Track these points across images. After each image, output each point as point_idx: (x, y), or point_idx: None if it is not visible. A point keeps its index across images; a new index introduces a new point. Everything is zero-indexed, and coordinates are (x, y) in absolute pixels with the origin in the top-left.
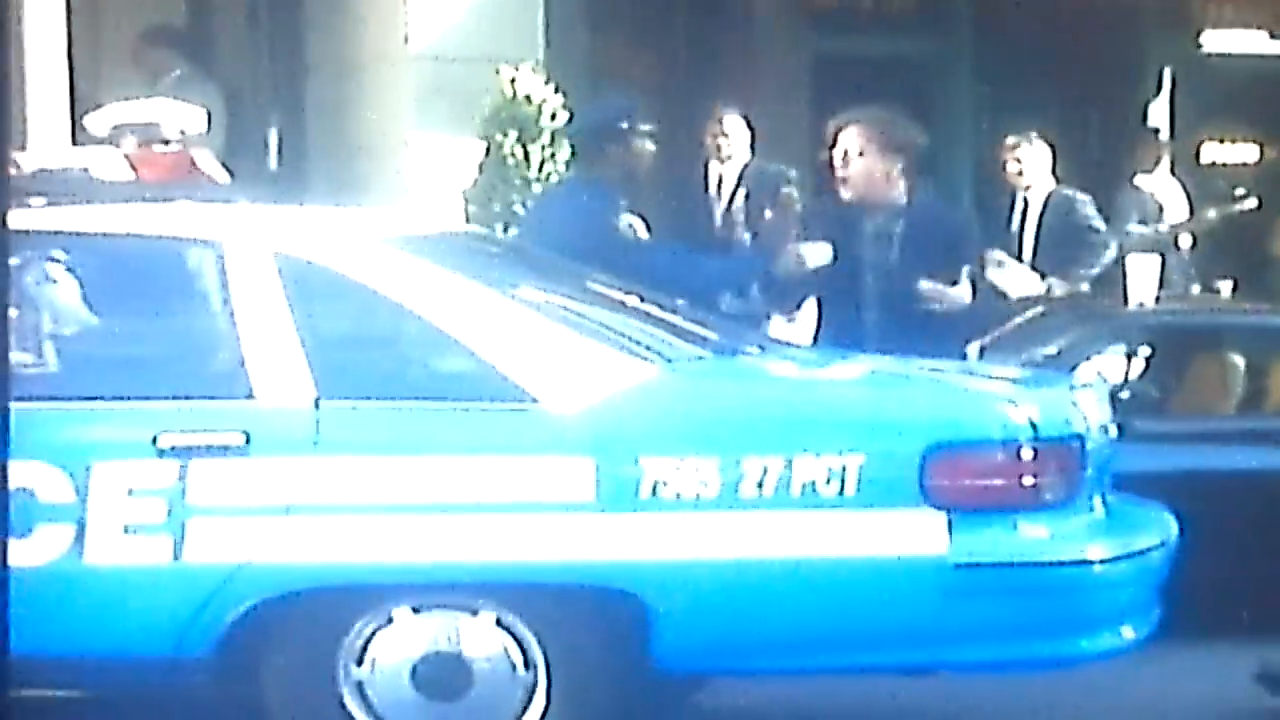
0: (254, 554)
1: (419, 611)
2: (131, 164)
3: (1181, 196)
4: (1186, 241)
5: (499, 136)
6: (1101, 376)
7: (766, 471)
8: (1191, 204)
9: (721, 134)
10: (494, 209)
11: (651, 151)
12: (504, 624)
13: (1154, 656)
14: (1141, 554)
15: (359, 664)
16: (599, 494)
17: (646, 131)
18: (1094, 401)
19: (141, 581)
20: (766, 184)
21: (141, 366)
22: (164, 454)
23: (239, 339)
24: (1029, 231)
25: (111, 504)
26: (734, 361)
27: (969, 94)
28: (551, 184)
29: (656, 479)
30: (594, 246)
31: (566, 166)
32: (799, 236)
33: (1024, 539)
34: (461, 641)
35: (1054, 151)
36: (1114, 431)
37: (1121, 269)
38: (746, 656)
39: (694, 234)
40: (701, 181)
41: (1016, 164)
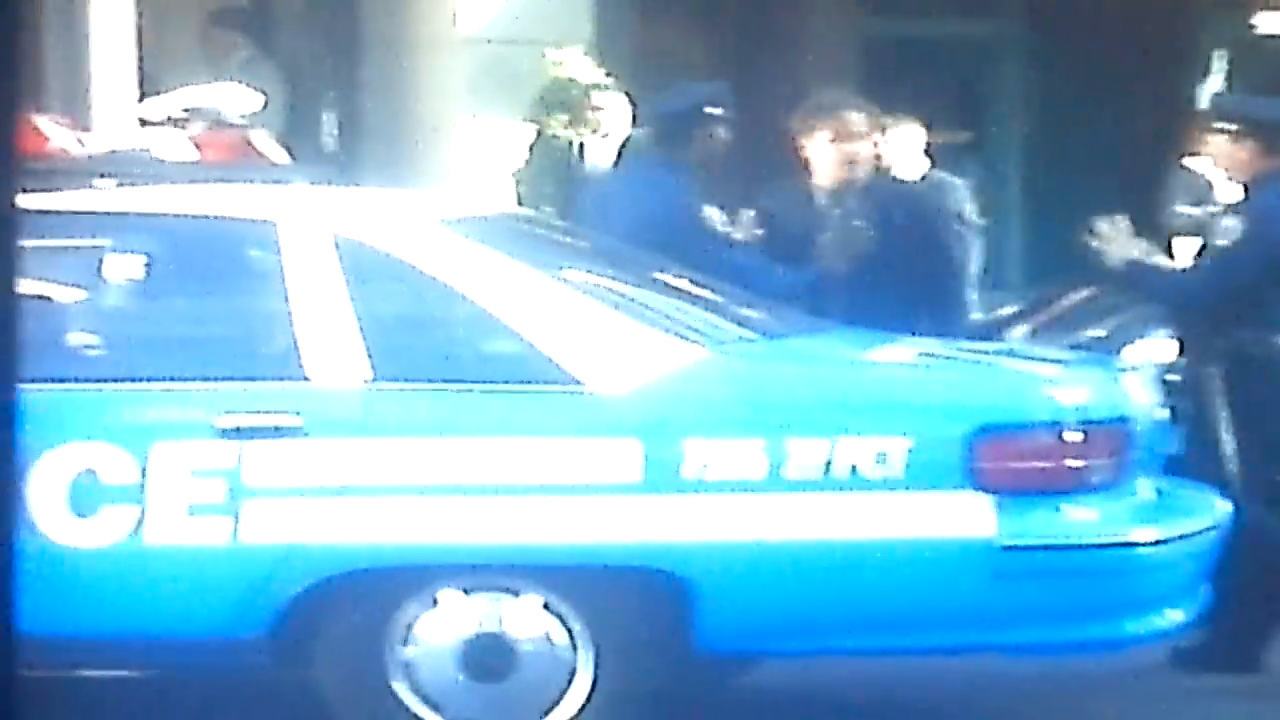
0: (308, 535)
1: (468, 593)
2: (196, 145)
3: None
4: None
5: (548, 119)
6: (1150, 359)
7: (813, 454)
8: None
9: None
10: (544, 191)
11: (727, 140)
12: (550, 605)
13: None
14: (1190, 537)
15: (405, 644)
16: (646, 476)
17: (730, 119)
18: (1142, 384)
19: (200, 562)
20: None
21: (202, 348)
22: (223, 435)
23: (296, 320)
24: None
25: (172, 485)
26: (781, 344)
27: (1019, 78)
28: (614, 166)
29: (703, 461)
30: (673, 229)
31: (620, 150)
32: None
33: (1071, 521)
34: (507, 622)
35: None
36: (1164, 414)
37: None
38: (790, 638)
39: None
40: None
41: None
